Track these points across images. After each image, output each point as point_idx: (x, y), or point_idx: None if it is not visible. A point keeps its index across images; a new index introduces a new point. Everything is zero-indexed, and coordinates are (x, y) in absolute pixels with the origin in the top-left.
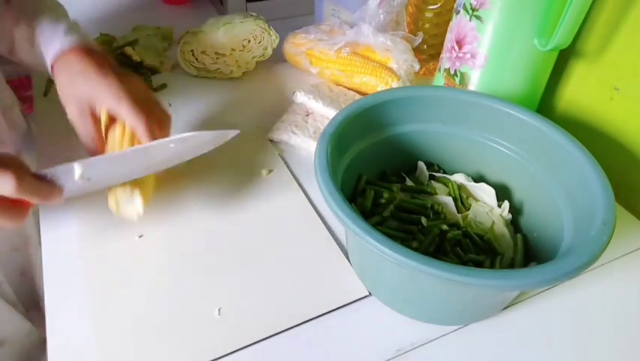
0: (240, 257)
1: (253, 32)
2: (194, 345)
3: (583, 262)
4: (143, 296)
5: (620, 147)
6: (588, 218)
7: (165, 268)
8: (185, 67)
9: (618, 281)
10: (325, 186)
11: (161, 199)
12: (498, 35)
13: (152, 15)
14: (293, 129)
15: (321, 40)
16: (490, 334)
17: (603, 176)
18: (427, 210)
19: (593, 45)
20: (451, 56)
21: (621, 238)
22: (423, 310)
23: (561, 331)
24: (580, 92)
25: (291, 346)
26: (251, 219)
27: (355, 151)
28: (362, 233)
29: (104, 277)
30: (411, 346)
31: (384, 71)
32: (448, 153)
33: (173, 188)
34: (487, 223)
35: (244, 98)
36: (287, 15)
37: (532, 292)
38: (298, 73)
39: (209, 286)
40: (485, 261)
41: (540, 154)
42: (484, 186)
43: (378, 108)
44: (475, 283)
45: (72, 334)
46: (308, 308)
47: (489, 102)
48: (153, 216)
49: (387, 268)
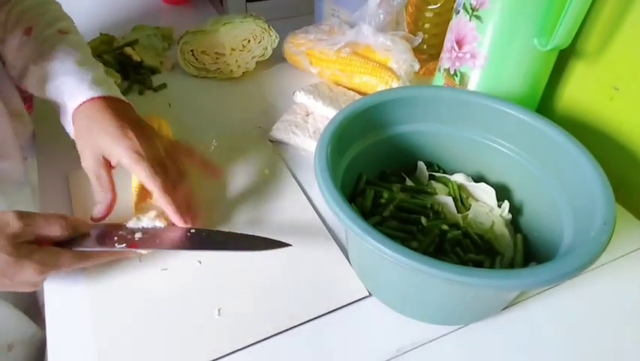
0: (239, 257)
1: (253, 32)
2: (194, 345)
3: (583, 262)
4: (143, 296)
5: (620, 147)
6: (588, 218)
7: (165, 267)
8: (185, 67)
9: (618, 281)
10: (325, 186)
11: None
12: (498, 35)
13: (152, 15)
14: (293, 129)
15: (321, 40)
16: (490, 334)
17: (603, 176)
18: (427, 210)
19: (592, 45)
20: (451, 56)
21: (621, 238)
22: (423, 310)
23: (561, 331)
24: (580, 92)
25: (291, 346)
26: (251, 220)
27: (355, 151)
28: (362, 233)
29: (103, 277)
30: (411, 346)
31: (384, 71)
32: (448, 153)
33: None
34: (487, 223)
35: (244, 98)
36: (287, 15)
37: (532, 292)
38: (298, 73)
39: (209, 286)
40: (485, 261)
41: (540, 154)
42: (484, 186)
43: (378, 108)
44: (475, 283)
45: (72, 334)
46: (308, 308)
47: (489, 102)
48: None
49: (387, 268)
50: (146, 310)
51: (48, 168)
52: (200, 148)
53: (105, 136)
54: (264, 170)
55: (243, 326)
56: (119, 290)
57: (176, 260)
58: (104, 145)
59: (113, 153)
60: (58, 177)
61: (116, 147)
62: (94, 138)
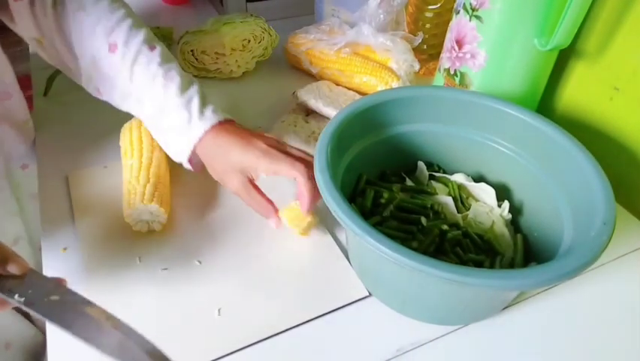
0: (239, 257)
1: (253, 32)
2: (194, 345)
3: (583, 262)
4: (143, 296)
5: (620, 147)
6: (588, 218)
7: (165, 267)
8: (185, 67)
9: (618, 281)
10: (325, 186)
11: None
12: (498, 35)
13: (152, 15)
14: (293, 129)
15: (321, 40)
16: (490, 334)
17: (603, 176)
18: (426, 210)
19: (593, 45)
20: (451, 56)
21: (621, 238)
22: (423, 310)
23: (561, 331)
24: (580, 92)
25: (291, 346)
26: (250, 220)
27: (355, 151)
28: (362, 233)
29: (103, 277)
30: (411, 346)
31: (384, 71)
32: (448, 153)
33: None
34: (487, 223)
35: (244, 98)
36: (287, 15)
37: (532, 292)
38: (298, 73)
39: (209, 286)
40: (485, 261)
41: (540, 154)
42: (484, 186)
43: (378, 108)
44: (475, 283)
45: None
46: (308, 308)
47: (489, 102)
48: None
49: (387, 268)
50: (146, 311)
51: (48, 169)
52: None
53: (238, 152)
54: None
55: (243, 326)
56: (119, 290)
57: (176, 260)
58: (242, 162)
59: (252, 165)
60: (58, 177)
61: (254, 159)
62: (229, 160)
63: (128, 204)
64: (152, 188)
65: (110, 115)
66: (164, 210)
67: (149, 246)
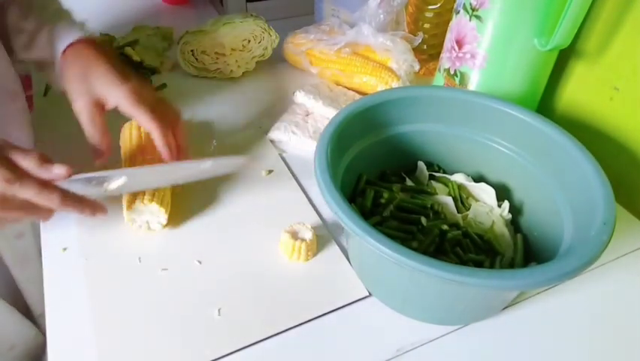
0: (239, 257)
1: (253, 32)
2: (194, 345)
3: (583, 262)
4: (143, 296)
5: (620, 147)
6: (588, 218)
7: (165, 267)
8: (185, 67)
9: (618, 281)
10: (325, 186)
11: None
12: (498, 35)
13: (152, 15)
14: (293, 129)
15: (321, 40)
16: (490, 334)
17: (603, 176)
18: (427, 210)
19: (593, 45)
20: (450, 56)
21: (621, 238)
22: (423, 310)
23: (561, 331)
24: (580, 92)
25: (291, 346)
26: (251, 220)
27: (355, 151)
28: (362, 233)
29: (103, 277)
30: (411, 346)
31: (384, 71)
32: (448, 153)
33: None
34: (487, 223)
35: (244, 98)
36: (287, 15)
37: (532, 292)
38: (298, 73)
39: (209, 287)
40: (485, 261)
41: (540, 154)
42: (484, 186)
43: (378, 108)
44: (475, 283)
45: (72, 334)
46: (308, 309)
47: (489, 102)
48: None
49: (387, 268)
50: (146, 311)
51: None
52: (200, 148)
53: (104, 79)
54: (263, 170)
55: (243, 326)
56: (119, 290)
57: (176, 260)
58: (102, 88)
59: (111, 95)
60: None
61: (115, 89)
62: (90, 81)
63: (128, 204)
64: (152, 188)
65: (110, 115)
66: (164, 210)
67: (149, 246)
